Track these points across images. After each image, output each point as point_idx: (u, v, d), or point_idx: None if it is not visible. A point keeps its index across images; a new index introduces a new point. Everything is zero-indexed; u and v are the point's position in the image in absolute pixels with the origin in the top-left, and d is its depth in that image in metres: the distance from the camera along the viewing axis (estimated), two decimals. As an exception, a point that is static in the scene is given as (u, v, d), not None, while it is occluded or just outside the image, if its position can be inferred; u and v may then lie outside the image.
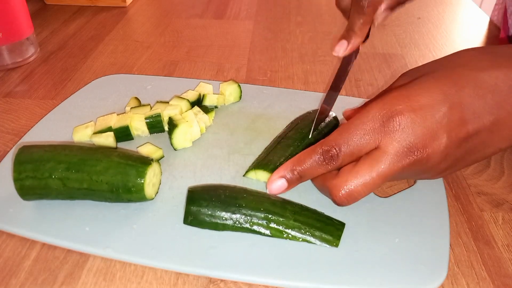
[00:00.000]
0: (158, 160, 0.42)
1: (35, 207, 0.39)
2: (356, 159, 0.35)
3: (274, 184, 0.37)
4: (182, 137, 0.45)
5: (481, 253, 0.37)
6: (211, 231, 0.37)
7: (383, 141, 0.34)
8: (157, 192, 0.40)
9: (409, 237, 0.36)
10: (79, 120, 0.50)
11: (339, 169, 0.36)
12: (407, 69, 0.40)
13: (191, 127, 0.46)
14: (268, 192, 0.38)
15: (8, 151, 0.46)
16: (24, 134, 0.48)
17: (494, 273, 0.35)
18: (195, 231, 0.37)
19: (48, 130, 0.49)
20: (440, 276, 0.33)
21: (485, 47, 0.38)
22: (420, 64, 0.40)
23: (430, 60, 0.39)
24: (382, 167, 0.34)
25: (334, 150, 0.35)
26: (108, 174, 0.37)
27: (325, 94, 0.46)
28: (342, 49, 0.43)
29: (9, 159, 0.44)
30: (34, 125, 0.49)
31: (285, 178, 0.37)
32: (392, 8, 0.45)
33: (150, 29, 0.76)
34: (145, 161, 0.38)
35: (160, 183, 0.41)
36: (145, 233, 0.37)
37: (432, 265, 0.34)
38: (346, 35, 0.43)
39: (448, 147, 0.34)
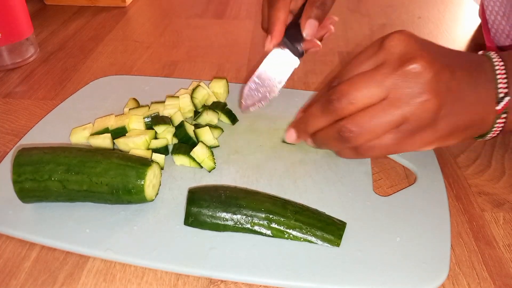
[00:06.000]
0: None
1: (34, 209, 0.39)
2: None
3: (288, 133, 0.42)
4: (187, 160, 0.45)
5: (482, 253, 0.36)
6: (212, 231, 0.37)
7: (381, 55, 0.35)
8: (157, 193, 0.40)
9: (410, 236, 0.36)
10: (77, 122, 0.49)
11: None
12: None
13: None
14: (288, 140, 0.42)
15: (8, 152, 0.46)
16: (23, 136, 0.48)
17: (495, 273, 0.35)
18: (195, 232, 0.37)
19: (46, 132, 0.48)
20: (442, 274, 0.33)
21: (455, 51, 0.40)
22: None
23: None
24: (378, 71, 0.35)
25: (336, 80, 0.38)
26: (108, 175, 0.36)
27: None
28: (268, 42, 0.47)
29: (7, 162, 0.44)
30: (33, 126, 0.49)
31: (293, 127, 0.42)
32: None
33: (150, 29, 0.76)
34: (145, 163, 0.37)
35: (160, 184, 0.41)
36: (145, 235, 0.37)
37: (434, 263, 0.34)
38: (268, 31, 0.47)
39: (436, 60, 0.34)
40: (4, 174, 0.42)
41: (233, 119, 0.50)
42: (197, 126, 0.47)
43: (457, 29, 0.76)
